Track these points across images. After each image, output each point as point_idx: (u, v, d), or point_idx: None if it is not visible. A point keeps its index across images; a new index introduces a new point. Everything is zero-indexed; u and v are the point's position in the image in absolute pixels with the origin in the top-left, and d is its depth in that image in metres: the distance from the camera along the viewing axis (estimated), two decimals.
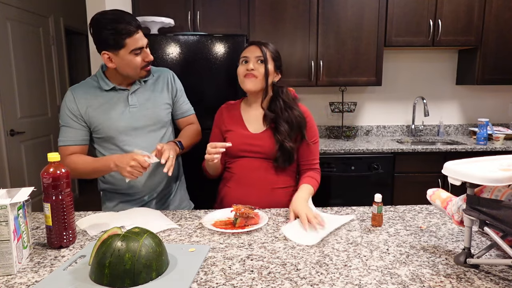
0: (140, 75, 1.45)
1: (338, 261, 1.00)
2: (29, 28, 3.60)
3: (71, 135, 1.44)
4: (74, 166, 1.41)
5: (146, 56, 1.42)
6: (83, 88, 1.47)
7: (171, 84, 1.59)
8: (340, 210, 1.41)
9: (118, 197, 1.57)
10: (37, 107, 3.73)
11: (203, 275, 0.93)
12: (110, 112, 1.45)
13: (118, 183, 1.53)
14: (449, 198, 1.08)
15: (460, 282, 0.88)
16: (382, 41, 2.99)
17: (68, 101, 1.45)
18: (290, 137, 1.47)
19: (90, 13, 2.47)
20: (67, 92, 1.47)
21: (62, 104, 1.46)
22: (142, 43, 1.39)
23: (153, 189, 1.57)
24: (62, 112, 1.46)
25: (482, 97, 3.47)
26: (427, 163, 2.80)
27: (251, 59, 1.47)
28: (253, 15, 2.93)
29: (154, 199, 1.59)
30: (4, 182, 3.21)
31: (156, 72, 1.58)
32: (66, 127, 1.45)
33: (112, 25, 1.34)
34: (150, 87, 1.53)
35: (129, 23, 1.34)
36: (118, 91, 1.47)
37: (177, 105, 1.62)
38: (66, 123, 1.45)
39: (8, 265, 0.94)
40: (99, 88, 1.47)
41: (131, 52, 1.37)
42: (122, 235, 0.91)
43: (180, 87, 1.64)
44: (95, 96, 1.45)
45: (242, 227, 1.22)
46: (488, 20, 2.99)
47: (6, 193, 1.06)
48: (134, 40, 1.36)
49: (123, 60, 1.39)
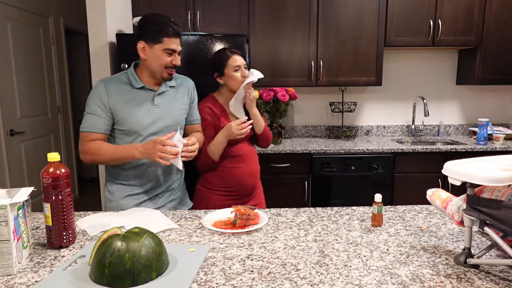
0: (162, 74, 1.56)
1: (338, 261, 1.00)
2: (29, 28, 3.60)
3: (96, 123, 1.52)
4: (96, 151, 1.50)
5: (175, 60, 1.56)
6: (115, 82, 1.58)
7: (190, 92, 1.74)
8: (340, 210, 1.41)
9: (129, 190, 1.61)
10: (37, 107, 3.73)
11: (203, 275, 0.93)
12: (137, 108, 1.55)
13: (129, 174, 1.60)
14: (449, 198, 1.08)
15: (460, 282, 0.88)
16: (382, 41, 2.99)
17: (100, 90, 1.54)
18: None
19: (90, 13, 2.46)
20: (98, 83, 1.57)
21: (92, 93, 1.55)
22: (176, 48, 1.55)
23: (160, 182, 1.63)
24: (90, 101, 1.54)
25: (482, 97, 3.47)
26: (427, 163, 2.80)
27: (241, 67, 1.79)
28: (253, 15, 2.93)
29: (161, 194, 1.65)
30: (4, 182, 3.21)
31: (180, 78, 1.73)
32: (92, 114, 1.53)
33: (160, 22, 1.52)
34: (174, 91, 1.66)
35: (173, 29, 1.52)
36: (146, 91, 1.59)
37: (190, 111, 1.74)
38: (93, 111, 1.53)
39: (8, 265, 0.94)
40: (130, 85, 1.58)
41: (164, 50, 1.52)
42: (122, 235, 0.91)
43: (196, 97, 1.78)
44: (125, 92, 1.56)
45: (242, 227, 1.22)
46: (488, 20, 2.99)
47: (6, 193, 1.06)
48: (171, 41, 1.52)
49: (154, 54, 1.53)
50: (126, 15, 2.83)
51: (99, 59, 2.51)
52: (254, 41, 2.96)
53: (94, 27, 2.48)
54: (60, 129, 4.20)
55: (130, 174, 1.59)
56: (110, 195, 1.62)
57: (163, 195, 1.65)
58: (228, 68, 1.78)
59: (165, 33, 1.51)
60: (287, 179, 2.81)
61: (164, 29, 1.51)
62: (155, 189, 1.62)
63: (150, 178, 1.60)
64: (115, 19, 2.61)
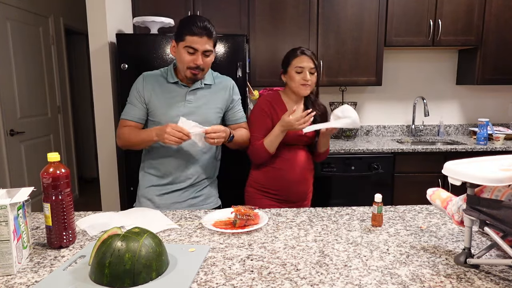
0: (185, 73, 1.57)
1: (338, 261, 1.00)
2: (29, 28, 3.60)
3: (132, 112, 1.63)
4: (124, 135, 1.61)
5: (197, 59, 1.54)
6: (153, 76, 1.66)
7: (229, 92, 1.73)
8: (340, 210, 1.41)
9: (154, 180, 1.68)
10: (37, 107, 3.73)
11: (203, 275, 0.93)
12: (169, 101, 1.61)
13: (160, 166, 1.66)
14: (449, 198, 1.08)
15: (460, 282, 0.88)
16: (382, 41, 2.98)
17: (139, 83, 1.65)
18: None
19: (90, 13, 2.46)
20: (140, 76, 1.67)
21: (133, 85, 1.66)
22: (199, 47, 1.52)
23: (187, 177, 1.67)
24: (131, 92, 1.66)
25: (482, 97, 3.47)
26: (427, 163, 2.80)
27: (305, 70, 1.73)
28: (253, 15, 2.93)
29: (185, 189, 1.68)
30: (4, 182, 3.21)
31: (219, 78, 1.74)
32: (130, 104, 1.65)
33: (186, 21, 1.54)
34: (209, 90, 1.68)
35: (198, 27, 1.50)
36: (180, 86, 1.63)
37: (232, 112, 1.75)
38: (131, 101, 1.65)
39: (8, 265, 0.94)
40: (165, 79, 1.64)
41: (185, 48, 1.53)
42: (122, 235, 0.91)
43: (237, 97, 1.78)
44: (160, 85, 1.63)
45: (242, 227, 1.22)
46: (488, 20, 2.99)
47: (6, 193, 1.06)
48: (193, 39, 1.51)
49: (178, 52, 1.57)
50: (126, 15, 2.83)
51: (99, 59, 2.51)
52: (254, 41, 2.96)
53: (94, 27, 2.48)
54: (60, 129, 4.20)
55: (157, 164, 1.66)
56: (140, 183, 1.72)
57: (187, 190, 1.67)
58: (291, 67, 1.75)
59: (188, 31, 1.51)
60: None
61: (187, 27, 1.51)
62: (178, 183, 1.66)
63: (173, 171, 1.64)
64: (115, 19, 2.61)
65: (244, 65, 2.52)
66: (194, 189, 1.69)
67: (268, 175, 1.78)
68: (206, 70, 1.61)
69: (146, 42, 2.45)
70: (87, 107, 5.20)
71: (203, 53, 1.55)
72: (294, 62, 1.74)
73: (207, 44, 1.54)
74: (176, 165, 1.64)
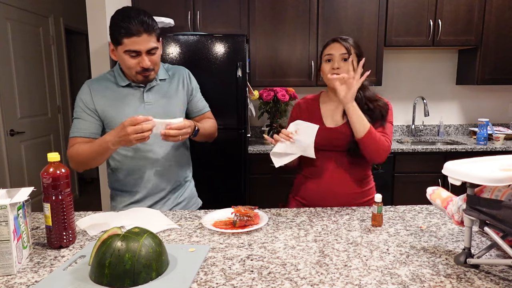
0: (135, 78, 1.42)
1: (338, 261, 1.00)
2: (29, 28, 3.60)
3: (81, 126, 1.42)
4: (75, 153, 1.38)
5: (142, 61, 1.36)
6: (100, 82, 1.46)
7: (186, 82, 1.57)
8: (340, 210, 1.41)
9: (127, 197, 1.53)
10: (37, 107, 3.74)
11: (203, 275, 0.93)
12: (125, 108, 1.43)
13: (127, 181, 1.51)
14: (450, 198, 1.08)
15: (460, 282, 0.88)
16: (382, 41, 2.99)
17: (83, 93, 1.44)
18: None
19: (90, 13, 2.47)
20: (83, 85, 1.46)
21: (77, 97, 1.45)
22: (140, 47, 1.33)
23: (162, 188, 1.53)
24: (76, 105, 1.45)
25: (482, 97, 3.47)
26: (427, 163, 2.80)
27: (335, 57, 1.46)
28: (253, 15, 2.93)
29: (164, 199, 1.55)
30: (4, 182, 3.21)
31: (172, 69, 1.57)
32: (78, 119, 1.43)
33: (117, 20, 1.33)
34: (165, 84, 1.52)
35: (133, 24, 1.30)
36: (134, 88, 1.46)
37: (192, 103, 1.60)
38: (78, 115, 1.43)
39: (8, 265, 0.94)
40: (116, 84, 1.46)
41: (125, 52, 1.35)
42: (122, 235, 0.91)
43: (195, 85, 1.62)
44: (111, 91, 1.44)
45: (242, 227, 1.22)
46: (488, 20, 3.00)
47: (6, 193, 1.06)
48: (131, 41, 1.32)
49: (120, 57, 1.38)
50: None
51: (99, 59, 2.51)
52: (254, 41, 2.96)
53: (94, 27, 2.48)
54: (60, 129, 4.21)
55: (128, 181, 1.51)
56: (114, 203, 1.57)
57: (168, 199, 1.56)
58: (323, 58, 1.50)
59: (123, 33, 1.31)
60: (288, 179, 2.80)
61: (122, 29, 1.30)
62: (157, 194, 1.53)
63: (148, 183, 1.50)
64: None
65: (244, 65, 2.52)
66: (174, 195, 1.57)
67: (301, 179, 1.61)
68: (157, 68, 1.44)
69: None
70: None
71: (148, 52, 1.36)
72: (325, 51, 1.50)
73: (149, 41, 1.34)
74: (147, 175, 1.49)
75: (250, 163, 2.75)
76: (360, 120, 1.39)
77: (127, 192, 1.54)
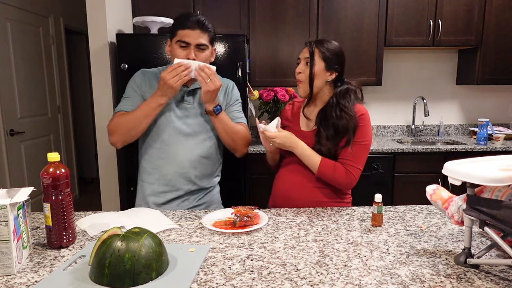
0: None
1: (338, 261, 1.00)
2: (29, 28, 3.60)
3: (127, 103, 1.53)
4: (118, 123, 1.48)
5: (189, 53, 1.46)
6: (152, 73, 1.60)
7: (228, 91, 1.65)
8: (340, 210, 1.41)
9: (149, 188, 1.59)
10: (37, 107, 3.73)
11: (203, 275, 0.93)
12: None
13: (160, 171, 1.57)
14: (451, 198, 1.08)
15: (460, 282, 0.88)
16: (382, 41, 2.99)
17: (136, 77, 1.58)
18: (333, 141, 1.42)
19: (90, 13, 2.46)
20: (138, 72, 1.61)
21: (130, 80, 1.59)
22: (191, 40, 1.45)
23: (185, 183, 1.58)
24: (127, 86, 1.58)
25: (482, 97, 3.47)
26: (427, 163, 2.80)
27: (301, 61, 1.47)
28: (253, 15, 2.93)
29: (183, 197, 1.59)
30: (4, 182, 3.21)
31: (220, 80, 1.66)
32: (126, 98, 1.56)
33: (179, 16, 1.49)
34: None
35: (190, 20, 1.44)
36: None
37: (229, 111, 1.64)
38: (128, 94, 1.56)
39: (7, 265, 0.94)
40: None
41: (177, 43, 1.47)
42: (122, 235, 0.91)
43: (236, 97, 1.68)
44: (157, 81, 1.52)
45: (242, 227, 1.22)
46: (488, 20, 2.99)
47: (6, 193, 1.06)
48: (184, 33, 1.45)
49: (172, 50, 1.50)
50: (126, 15, 2.83)
51: (99, 59, 2.51)
52: (254, 41, 2.96)
53: (94, 27, 2.48)
54: (60, 129, 4.21)
55: (153, 173, 1.58)
56: (138, 192, 1.64)
57: (187, 199, 1.60)
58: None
59: (178, 24, 1.46)
60: None
61: (178, 21, 1.46)
62: (176, 191, 1.57)
63: (169, 179, 1.56)
64: (115, 19, 2.61)
65: (244, 65, 2.52)
66: (194, 197, 1.61)
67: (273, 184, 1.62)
68: None
69: (146, 42, 2.45)
70: (87, 107, 5.20)
71: (197, 47, 1.46)
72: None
73: (201, 37, 1.45)
74: (173, 170, 1.55)
75: (250, 163, 2.75)
76: (307, 161, 1.43)
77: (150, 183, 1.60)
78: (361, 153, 1.44)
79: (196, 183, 1.60)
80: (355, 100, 1.47)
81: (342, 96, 1.46)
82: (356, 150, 1.43)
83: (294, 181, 1.50)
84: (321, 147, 1.43)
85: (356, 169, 1.44)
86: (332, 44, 1.47)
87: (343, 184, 1.44)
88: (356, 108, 1.45)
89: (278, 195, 1.55)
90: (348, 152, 1.42)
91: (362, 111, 1.46)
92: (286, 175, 1.53)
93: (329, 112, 1.44)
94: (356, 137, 1.43)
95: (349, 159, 1.43)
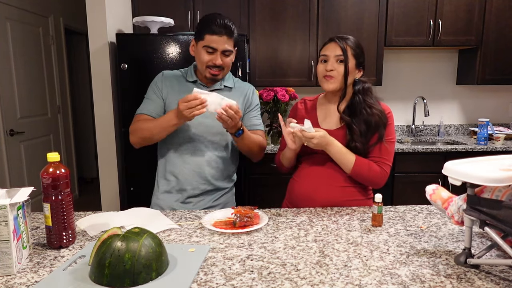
0: (205, 73, 1.54)
1: (338, 261, 1.00)
2: (29, 28, 3.60)
3: (148, 106, 1.59)
4: (140, 128, 1.54)
5: (215, 58, 1.50)
6: (173, 74, 1.66)
7: (248, 96, 1.67)
8: (340, 210, 1.41)
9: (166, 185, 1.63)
10: (36, 107, 3.73)
11: (203, 275, 0.93)
12: None
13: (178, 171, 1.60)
14: (451, 198, 1.08)
15: (461, 283, 0.88)
16: (382, 41, 2.99)
17: (158, 79, 1.64)
18: (365, 138, 1.41)
19: (90, 13, 2.46)
20: (159, 74, 1.66)
21: (152, 82, 1.65)
22: (218, 46, 1.48)
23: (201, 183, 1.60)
24: (149, 88, 1.64)
25: (482, 97, 3.47)
26: (427, 163, 2.80)
27: (330, 58, 1.42)
28: (253, 15, 2.93)
29: (199, 196, 1.62)
30: (3, 182, 3.21)
31: (239, 83, 1.70)
32: (147, 99, 1.62)
33: (206, 19, 1.51)
34: (228, 93, 1.61)
35: (218, 25, 1.47)
36: (198, 86, 1.59)
37: (248, 117, 1.66)
38: (149, 96, 1.62)
39: (7, 266, 0.94)
40: (185, 78, 1.63)
41: (204, 47, 1.50)
42: (122, 235, 0.91)
43: (256, 102, 1.70)
44: (179, 83, 1.62)
45: (242, 227, 1.22)
46: (488, 20, 3.00)
47: (6, 193, 1.06)
48: (212, 39, 1.47)
49: (197, 52, 1.54)
50: (126, 15, 2.83)
51: (99, 59, 2.51)
52: (254, 41, 2.96)
53: (94, 27, 2.48)
54: (60, 129, 4.20)
55: (170, 171, 1.61)
56: (156, 188, 1.68)
57: (203, 199, 1.62)
58: (319, 58, 1.48)
59: (207, 29, 1.47)
60: (288, 179, 2.80)
61: (207, 26, 1.48)
62: (191, 190, 1.60)
63: (185, 178, 1.59)
64: (115, 19, 2.62)
65: (244, 65, 2.52)
66: (210, 197, 1.63)
67: (289, 185, 1.60)
68: (226, 70, 1.57)
69: (146, 42, 2.45)
70: (87, 107, 5.20)
71: (223, 53, 1.50)
72: (321, 51, 1.47)
73: (227, 43, 1.49)
74: (190, 170, 1.59)
75: (250, 163, 2.75)
76: (341, 159, 1.39)
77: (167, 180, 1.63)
78: (391, 150, 1.46)
79: (212, 183, 1.62)
80: (376, 98, 1.48)
81: (365, 93, 1.45)
82: (386, 147, 1.43)
83: (318, 182, 1.46)
84: (356, 143, 1.39)
85: (388, 166, 1.45)
86: (357, 41, 1.50)
87: (378, 182, 1.44)
88: (382, 106, 1.46)
89: (299, 197, 1.49)
90: (383, 148, 1.42)
91: (388, 109, 1.47)
92: (308, 176, 1.49)
93: (358, 109, 1.43)
94: (385, 134, 1.43)
95: (381, 157, 1.43)
